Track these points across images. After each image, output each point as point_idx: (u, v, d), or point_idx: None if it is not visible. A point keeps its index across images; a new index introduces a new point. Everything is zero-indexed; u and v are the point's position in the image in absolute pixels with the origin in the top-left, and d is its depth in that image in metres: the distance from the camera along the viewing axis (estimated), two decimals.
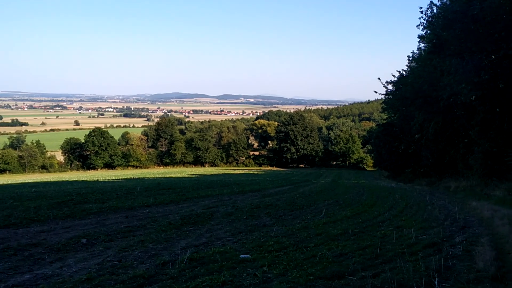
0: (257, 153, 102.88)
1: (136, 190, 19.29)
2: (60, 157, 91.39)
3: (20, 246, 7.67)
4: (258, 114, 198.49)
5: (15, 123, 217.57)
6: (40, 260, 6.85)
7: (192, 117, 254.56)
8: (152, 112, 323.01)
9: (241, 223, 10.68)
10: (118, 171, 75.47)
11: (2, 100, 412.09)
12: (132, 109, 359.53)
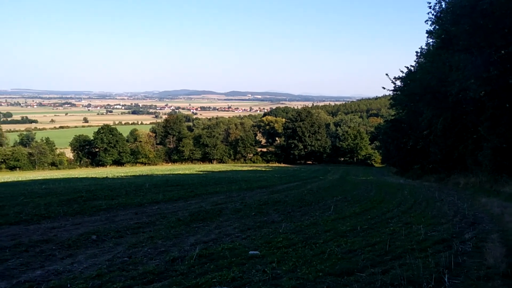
0: (265, 150, 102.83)
1: (145, 187, 19.37)
2: (70, 154, 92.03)
3: (32, 243, 7.74)
4: (266, 111, 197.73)
5: (25, 121, 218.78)
6: (51, 256, 6.91)
7: (200, 114, 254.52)
8: (160, 109, 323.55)
9: (250, 220, 10.70)
10: (127, 168, 75.96)
11: (12, 98, 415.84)
12: (140, 106, 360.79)
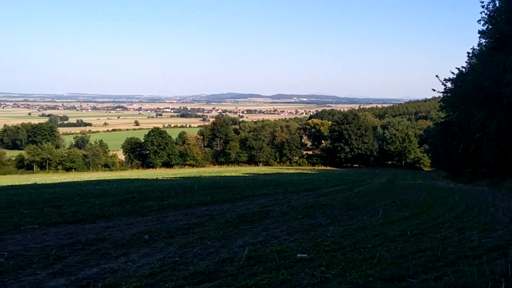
0: (311, 153, 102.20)
1: (194, 189, 19.80)
2: (121, 156, 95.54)
3: (88, 241, 8.12)
4: (311, 114, 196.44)
5: (80, 124, 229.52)
6: (106, 255, 7.21)
7: (246, 117, 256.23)
8: (208, 112, 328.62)
9: (297, 223, 10.69)
10: (176, 170, 77.77)
11: (68, 102, 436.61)
12: (189, 109, 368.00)
